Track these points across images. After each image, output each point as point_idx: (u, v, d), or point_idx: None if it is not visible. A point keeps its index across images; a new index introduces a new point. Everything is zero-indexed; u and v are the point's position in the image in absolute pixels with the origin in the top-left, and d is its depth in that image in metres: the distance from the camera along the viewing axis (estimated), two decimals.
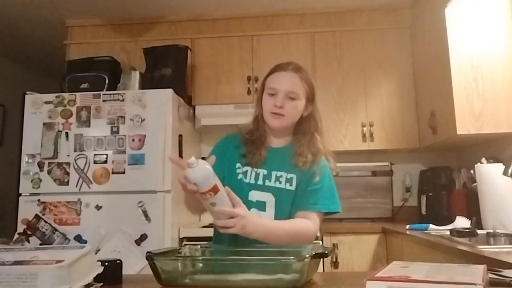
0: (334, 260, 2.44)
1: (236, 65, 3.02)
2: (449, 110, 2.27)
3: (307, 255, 0.81)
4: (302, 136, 1.40)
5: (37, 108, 2.57)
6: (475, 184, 2.15)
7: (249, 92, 2.97)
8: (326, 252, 0.84)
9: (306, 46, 3.04)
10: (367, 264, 2.45)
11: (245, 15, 3.10)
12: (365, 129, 2.90)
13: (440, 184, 2.74)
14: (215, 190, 1.05)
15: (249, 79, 2.99)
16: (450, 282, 0.54)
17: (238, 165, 1.38)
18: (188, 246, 1.01)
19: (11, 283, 0.66)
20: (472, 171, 2.23)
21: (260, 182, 1.35)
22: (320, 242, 2.49)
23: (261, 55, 3.03)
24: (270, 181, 1.35)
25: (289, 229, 1.25)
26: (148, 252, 0.85)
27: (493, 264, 1.14)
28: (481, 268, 0.63)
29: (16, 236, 2.45)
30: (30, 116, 2.55)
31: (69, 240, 2.42)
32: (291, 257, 0.88)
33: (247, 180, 1.36)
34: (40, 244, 2.41)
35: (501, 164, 1.96)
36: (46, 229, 2.44)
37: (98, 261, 0.78)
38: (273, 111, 1.35)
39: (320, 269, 0.92)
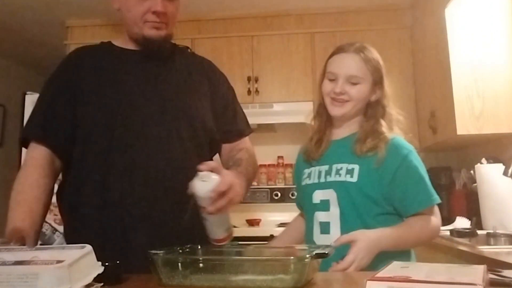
0: None
1: (236, 65, 3.02)
2: (449, 110, 2.27)
3: (307, 255, 0.81)
4: (366, 122, 1.25)
5: None
6: (475, 184, 2.15)
7: (249, 92, 2.98)
8: (326, 252, 0.84)
9: (306, 46, 3.04)
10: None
11: (245, 15, 3.10)
12: None
13: (440, 184, 2.73)
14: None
15: (249, 79, 2.99)
16: (450, 283, 0.54)
17: (304, 170, 1.31)
18: (188, 246, 1.01)
19: (12, 283, 0.66)
20: (472, 172, 2.23)
21: (322, 179, 1.24)
22: None
23: (261, 55, 3.03)
24: (330, 176, 1.22)
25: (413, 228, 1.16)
26: (148, 252, 0.85)
27: (493, 264, 1.15)
28: (481, 268, 0.64)
29: None
30: None
31: None
32: (291, 257, 0.88)
33: (310, 181, 1.27)
34: (41, 244, 2.41)
35: (501, 164, 1.96)
36: (46, 229, 2.44)
37: (98, 261, 0.78)
38: (332, 98, 1.24)
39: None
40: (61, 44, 3.22)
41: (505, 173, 1.71)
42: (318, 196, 1.23)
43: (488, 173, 2.02)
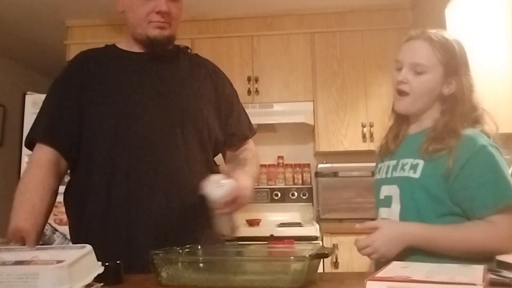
0: (334, 260, 2.44)
1: (236, 65, 3.02)
2: None
3: (307, 255, 0.81)
4: (440, 119, 1.11)
5: (37, 108, 2.55)
6: None
7: (249, 92, 2.98)
8: (326, 252, 0.84)
9: (306, 46, 3.04)
10: (367, 265, 2.45)
11: (245, 15, 3.10)
12: (365, 129, 2.90)
13: None
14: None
15: (249, 79, 2.99)
16: (450, 283, 0.54)
17: (378, 165, 1.26)
18: (188, 246, 1.01)
19: (12, 283, 0.67)
20: None
21: (389, 175, 1.17)
22: (320, 242, 2.49)
23: (261, 55, 3.03)
24: (396, 171, 1.14)
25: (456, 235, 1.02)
26: (148, 252, 0.85)
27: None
28: (481, 268, 0.64)
29: None
30: (30, 116, 2.55)
31: (69, 240, 2.42)
32: (291, 257, 0.88)
33: (379, 176, 1.21)
34: (41, 244, 2.41)
35: None
36: (46, 229, 2.44)
37: (98, 261, 0.78)
38: (396, 89, 1.14)
39: (320, 269, 0.92)
40: (61, 44, 3.22)
41: None
42: (383, 191, 1.18)
43: None
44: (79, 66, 1.31)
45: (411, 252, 1.03)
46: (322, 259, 0.86)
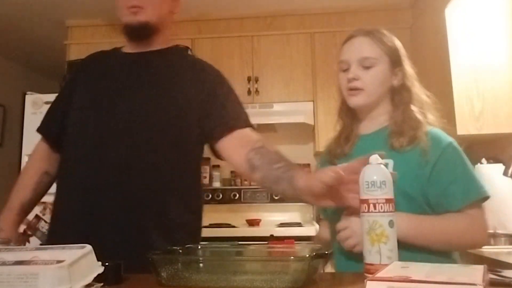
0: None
1: (236, 65, 3.02)
2: (449, 110, 2.27)
3: (307, 255, 0.81)
4: (394, 111, 1.13)
5: (37, 108, 2.57)
6: None
7: (249, 92, 2.98)
8: (326, 252, 0.84)
9: (306, 46, 3.04)
10: None
11: (245, 15, 3.10)
12: None
13: None
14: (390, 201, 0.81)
15: (249, 79, 2.99)
16: (450, 283, 0.54)
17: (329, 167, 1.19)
18: (188, 246, 1.01)
19: (12, 283, 0.67)
20: None
21: None
22: None
23: (261, 55, 3.03)
24: None
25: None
26: (148, 252, 0.85)
27: (493, 264, 1.14)
28: (481, 268, 0.64)
29: None
30: (30, 116, 2.56)
31: None
32: (291, 257, 0.88)
33: None
34: (41, 244, 2.41)
35: (501, 164, 1.96)
36: (47, 229, 2.44)
37: (98, 261, 0.78)
38: (348, 87, 1.13)
39: (320, 269, 0.92)
40: (61, 44, 3.22)
41: (505, 173, 1.71)
42: None
43: (488, 173, 2.02)
44: (80, 67, 1.37)
45: None
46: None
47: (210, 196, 3.12)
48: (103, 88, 1.24)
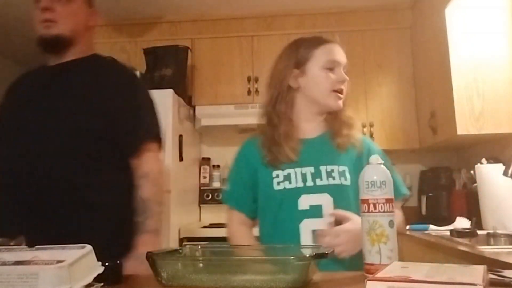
0: None
1: (236, 65, 3.02)
2: (449, 110, 2.27)
3: (307, 255, 0.81)
4: (328, 114, 1.20)
5: None
6: (475, 184, 2.15)
7: (249, 92, 2.97)
8: (326, 252, 0.84)
9: None
10: None
11: (245, 15, 3.10)
12: (365, 129, 2.90)
13: (440, 185, 2.74)
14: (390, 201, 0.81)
15: (249, 79, 2.99)
16: (450, 282, 0.54)
17: (275, 173, 1.15)
18: (188, 246, 1.01)
19: (12, 283, 0.67)
20: (472, 172, 2.23)
21: (309, 183, 1.12)
22: None
23: (261, 55, 3.03)
24: (321, 179, 1.12)
25: None
26: (148, 252, 0.85)
27: (493, 264, 1.15)
28: (481, 268, 0.64)
29: None
30: None
31: None
32: (291, 257, 0.88)
33: (292, 185, 1.13)
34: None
35: (501, 164, 1.96)
36: None
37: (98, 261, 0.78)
38: (336, 89, 1.15)
39: None
40: None
41: (505, 173, 1.71)
42: (306, 201, 1.11)
43: (488, 173, 2.02)
44: (6, 92, 1.43)
45: None
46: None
47: (210, 196, 3.11)
48: (24, 104, 1.30)
